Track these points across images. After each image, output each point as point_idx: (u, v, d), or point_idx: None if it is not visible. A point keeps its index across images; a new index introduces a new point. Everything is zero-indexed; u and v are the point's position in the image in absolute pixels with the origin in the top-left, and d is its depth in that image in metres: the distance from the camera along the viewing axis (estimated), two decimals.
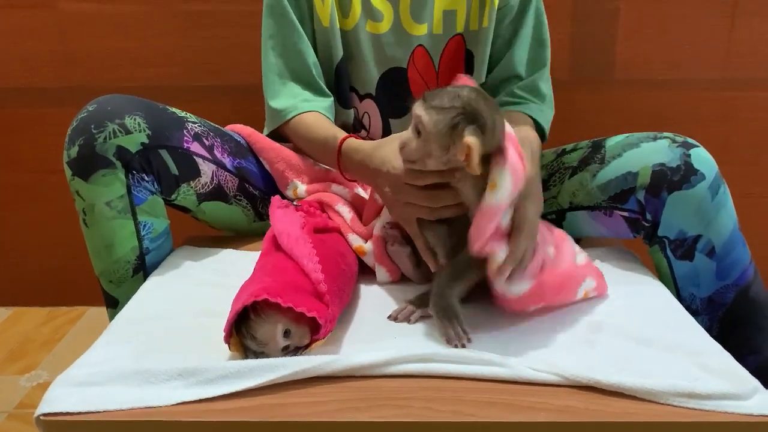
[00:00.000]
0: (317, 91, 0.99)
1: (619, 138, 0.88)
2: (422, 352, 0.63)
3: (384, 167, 0.78)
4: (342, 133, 0.89)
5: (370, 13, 0.98)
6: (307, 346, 0.65)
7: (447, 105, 0.67)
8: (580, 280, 0.75)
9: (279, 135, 1.01)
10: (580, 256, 0.80)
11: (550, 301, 0.73)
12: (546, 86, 1.02)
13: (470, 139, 0.65)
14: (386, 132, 1.04)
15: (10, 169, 1.47)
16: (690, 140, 0.84)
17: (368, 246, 0.84)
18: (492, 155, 0.68)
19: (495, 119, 0.68)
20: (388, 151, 0.78)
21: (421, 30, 0.99)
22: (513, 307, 0.72)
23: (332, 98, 1.00)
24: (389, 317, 0.74)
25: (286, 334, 0.63)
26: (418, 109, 0.68)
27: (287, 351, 0.64)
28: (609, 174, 0.86)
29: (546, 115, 1.00)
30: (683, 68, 1.39)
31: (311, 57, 0.99)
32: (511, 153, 0.67)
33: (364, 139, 1.05)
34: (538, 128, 0.98)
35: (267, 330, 0.63)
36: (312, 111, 0.96)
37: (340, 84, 1.01)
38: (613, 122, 1.40)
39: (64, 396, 0.59)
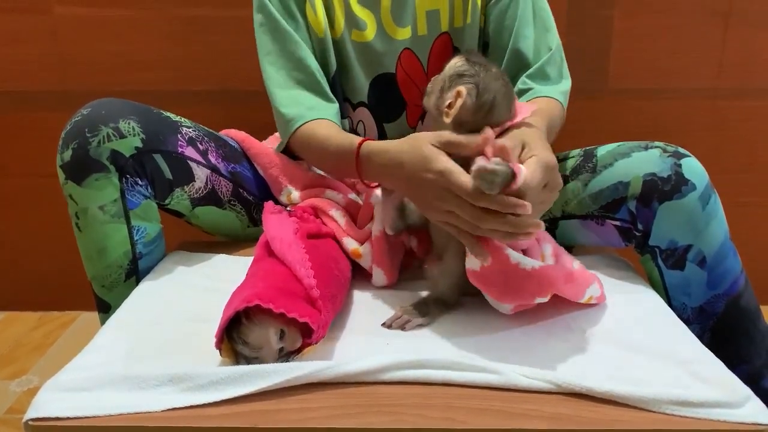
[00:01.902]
0: (323, 96, 0.96)
1: (611, 147, 0.89)
2: (414, 358, 0.63)
3: (427, 165, 0.70)
4: (357, 138, 0.83)
5: (353, 22, 0.98)
6: (299, 351, 0.65)
7: (474, 60, 0.75)
8: (589, 282, 0.75)
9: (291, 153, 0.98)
10: (576, 263, 0.80)
11: (560, 290, 0.71)
12: (552, 69, 0.96)
13: (462, 88, 0.72)
14: (381, 138, 1.05)
15: (3, 172, 1.47)
16: (681, 150, 0.84)
17: (364, 248, 0.84)
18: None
19: (499, 102, 0.73)
20: (425, 150, 0.71)
21: (404, 33, 0.99)
22: (524, 292, 0.69)
23: (337, 104, 0.98)
24: (383, 325, 0.74)
25: (280, 336, 0.63)
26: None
27: (281, 355, 0.64)
28: (600, 183, 0.86)
29: (555, 89, 0.95)
30: (676, 78, 1.40)
31: (313, 63, 0.96)
32: None
33: None
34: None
35: (260, 334, 0.62)
36: (318, 119, 0.93)
37: (335, 95, 1.01)
38: (606, 131, 1.40)
39: (53, 401, 0.58)
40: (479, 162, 0.65)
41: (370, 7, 0.98)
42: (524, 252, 0.73)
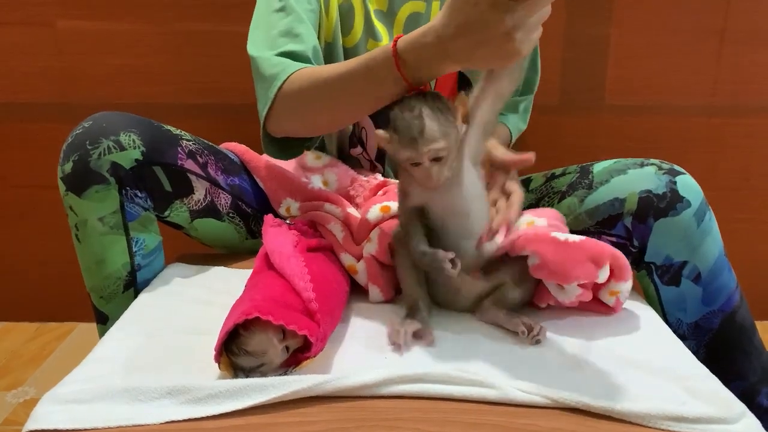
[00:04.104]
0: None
1: (607, 164, 0.90)
2: (412, 372, 0.63)
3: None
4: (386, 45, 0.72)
5: (371, 32, 0.99)
6: (297, 364, 0.65)
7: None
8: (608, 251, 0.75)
9: (283, 150, 0.95)
10: None
11: (612, 254, 0.74)
12: (522, 106, 1.06)
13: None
14: (382, 150, 1.05)
15: (4, 183, 1.47)
16: (676, 167, 0.85)
17: (360, 265, 0.84)
18: None
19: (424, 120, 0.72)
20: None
21: None
22: (583, 261, 0.73)
23: None
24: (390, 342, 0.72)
25: (282, 337, 0.64)
26: None
27: (283, 365, 0.65)
28: (596, 199, 0.87)
29: (515, 125, 1.07)
30: (672, 95, 1.41)
31: (311, 41, 0.89)
32: None
33: (359, 155, 1.06)
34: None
35: (261, 339, 0.63)
36: (314, 66, 0.84)
37: None
38: (603, 147, 1.42)
39: (51, 413, 0.58)
40: None
41: (385, 22, 1.00)
42: None
